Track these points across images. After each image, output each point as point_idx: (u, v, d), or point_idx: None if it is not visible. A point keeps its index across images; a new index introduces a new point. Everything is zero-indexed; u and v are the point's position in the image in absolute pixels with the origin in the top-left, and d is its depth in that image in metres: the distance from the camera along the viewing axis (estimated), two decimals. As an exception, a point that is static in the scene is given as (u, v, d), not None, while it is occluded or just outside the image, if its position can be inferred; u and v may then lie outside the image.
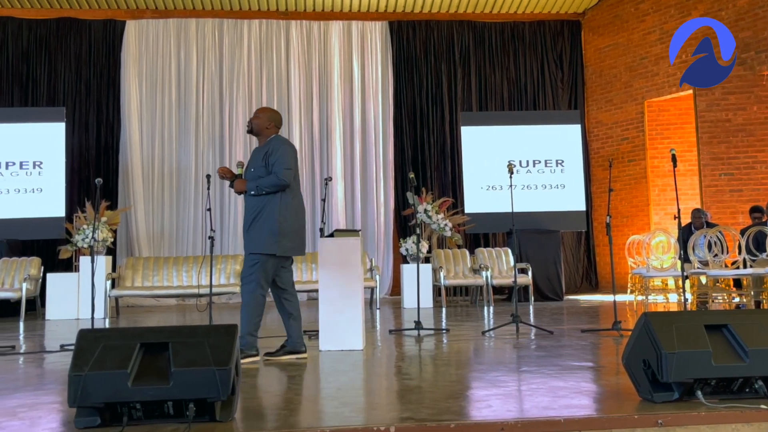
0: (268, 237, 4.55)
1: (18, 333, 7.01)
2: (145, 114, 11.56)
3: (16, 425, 2.79)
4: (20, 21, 11.48)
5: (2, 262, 9.27)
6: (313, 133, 11.81)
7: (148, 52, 11.67)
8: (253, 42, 11.84)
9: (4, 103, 11.24)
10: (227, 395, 2.71)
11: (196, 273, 9.16)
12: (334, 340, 4.94)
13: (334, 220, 11.53)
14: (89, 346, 2.74)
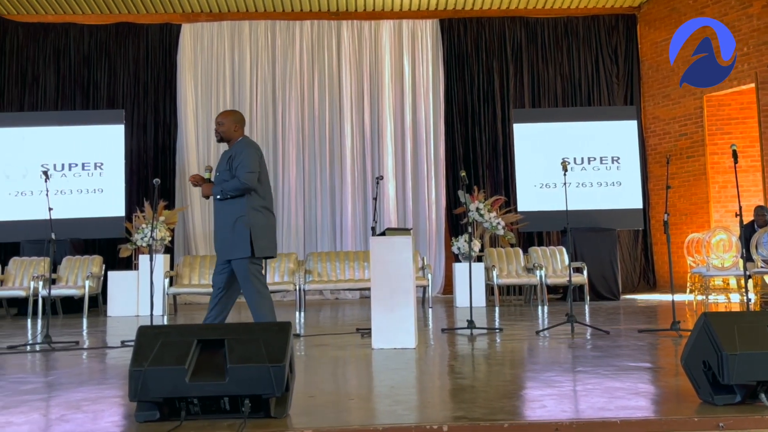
0: (244, 240, 4.58)
1: (81, 329, 7.24)
2: (201, 115, 11.79)
3: (80, 418, 2.88)
4: (81, 27, 11.85)
5: (66, 260, 9.59)
6: (364, 132, 11.86)
7: (203, 54, 11.91)
8: (304, 43, 11.96)
9: (67, 107, 11.62)
10: (281, 392, 2.74)
11: (250, 271, 9.28)
12: (387, 338, 4.95)
13: (386, 218, 11.56)
14: (148, 342, 2.81)
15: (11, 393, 3.52)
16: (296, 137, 11.78)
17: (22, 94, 11.72)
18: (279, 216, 11.65)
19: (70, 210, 10.14)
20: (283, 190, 11.68)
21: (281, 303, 10.64)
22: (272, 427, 2.63)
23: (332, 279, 9.38)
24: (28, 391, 3.56)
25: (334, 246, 11.59)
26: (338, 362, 4.47)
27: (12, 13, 11.80)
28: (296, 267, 9.38)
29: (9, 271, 9.48)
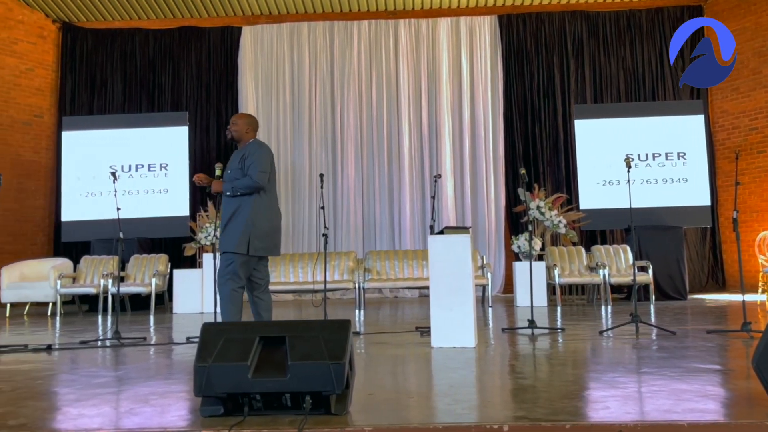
0: (241, 237, 4.71)
1: (148, 325, 7.46)
2: (261, 116, 11.99)
3: (148, 411, 2.96)
4: (146, 32, 12.21)
5: (134, 258, 9.90)
6: (422, 130, 11.84)
7: (262, 56, 12.10)
8: (362, 42, 12.02)
9: (134, 109, 11.99)
10: (342, 389, 2.76)
11: (311, 269, 9.40)
12: (446, 337, 4.93)
13: (444, 217, 11.52)
14: (212, 339, 2.87)
15: (84, 386, 3.65)
16: (354, 136, 11.86)
17: (91, 98, 12.15)
18: (338, 215, 11.75)
19: (137, 210, 10.46)
20: (342, 189, 11.77)
21: (341, 301, 10.72)
22: (333, 423, 2.65)
23: (391, 277, 9.41)
24: (99, 385, 3.69)
25: (393, 244, 11.61)
26: (397, 360, 4.48)
27: (82, 21, 12.24)
28: (355, 265, 9.44)
29: (81, 269, 9.84)
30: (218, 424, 2.65)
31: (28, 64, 11.75)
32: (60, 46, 12.19)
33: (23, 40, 11.70)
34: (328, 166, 11.82)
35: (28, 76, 11.75)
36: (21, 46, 11.67)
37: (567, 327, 6.33)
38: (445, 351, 4.77)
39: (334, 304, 9.90)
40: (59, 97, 12.09)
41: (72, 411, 3.03)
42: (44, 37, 12.00)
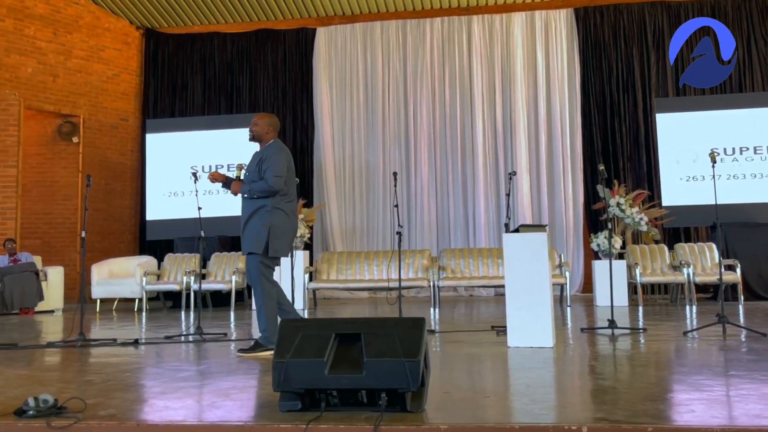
0: (259, 238, 4.73)
1: (229, 321, 7.66)
2: (336, 116, 12.13)
3: (229, 405, 3.04)
4: (224, 35, 12.54)
5: (215, 256, 10.19)
6: (496, 127, 11.71)
7: (337, 56, 12.23)
8: (435, 40, 11.98)
9: (213, 111, 12.34)
10: (417, 387, 2.76)
11: (386, 267, 9.45)
12: (523, 336, 4.86)
13: (520, 215, 11.35)
14: (290, 335, 2.92)
15: (168, 380, 3.78)
16: (428, 134, 11.84)
17: (173, 102, 12.57)
18: (412, 213, 11.77)
19: (217, 209, 10.75)
20: (416, 187, 11.77)
21: (415, 299, 10.73)
22: (408, 421, 2.65)
23: (466, 276, 9.35)
24: (182, 379, 3.82)
25: (467, 243, 11.53)
26: (473, 359, 4.44)
27: (163, 27, 12.69)
28: (430, 263, 9.42)
29: (164, 266, 10.20)
30: (296, 419, 2.70)
31: (114, 69, 12.27)
32: (143, 51, 12.67)
33: (110, 47, 12.22)
34: (402, 164, 11.84)
35: (114, 81, 12.26)
36: (108, 53, 12.19)
37: (649, 327, 6.13)
38: (522, 350, 4.70)
39: (408, 302, 9.91)
40: (143, 101, 12.57)
41: (158, 403, 3.14)
42: (129, 44, 12.50)
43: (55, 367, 4.40)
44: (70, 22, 11.70)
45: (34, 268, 9.46)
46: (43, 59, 11.36)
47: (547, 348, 4.78)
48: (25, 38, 11.16)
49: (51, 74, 11.43)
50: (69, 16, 11.69)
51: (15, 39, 11.04)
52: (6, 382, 3.76)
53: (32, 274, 9.34)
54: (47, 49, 11.41)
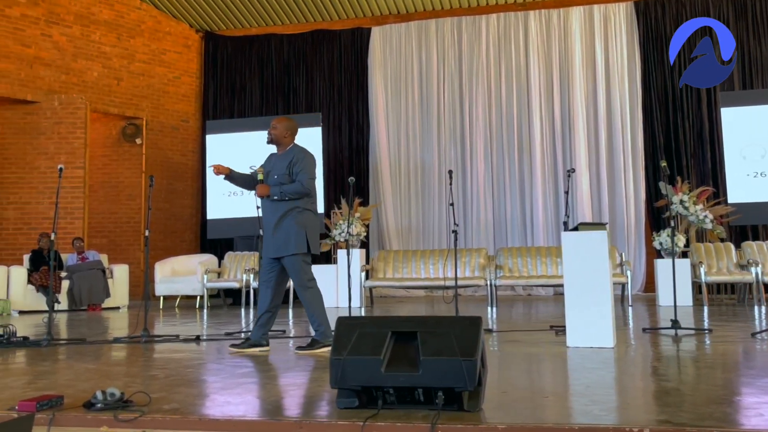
0: (298, 238, 4.83)
1: (287, 318, 7.76)
2: (391, 115, 12.14)
3: (287, 401, 3.09)
4: (281, 36, 12.70)
5: (272, 255, 10.33)
6: (554, 123, 11.53)
7: (391, 55, 12.25)
8: (491, 37, 11.87)
9: (270, 112, 12.51)
10: (474, 386, 2.74)
11: (442, 265, 9.42)
12: (582, 336, 4.78)
13: (579, 212, 11.15)
14: (346, 332, 2.94)
15: (229, 376, 3.86)
16: (484, 131, 11.74)
17: (231, 103, 12.81)
18: (468, 211, 11.71)
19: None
20: (472, 185, 11.69)
21: (472, 298, 10.66)
22: (466, 420, 2.64)
23: (524, 275, 9.24)
24: (243, 375, 3.89)
25: (525, 241, 11.39)
26: (532, 359, 4.39)
27: (222, 29, 12.94)
28: (486, 262, 9.35)
29: (225, 264, 10.41)
30: (354, 416, 2.72)
31: (175, 72, 12.58)
32: (203, 54, 12.95)
33: (170, 51, 12.53)
34: (457, 162, 11.78)
35: (175, 83, 12.57)
36: (168, 56, 12.51)
37: (715, 328, 5.95)
38: (582, 351, 4.62)
39: (465, 301, 9.86)
40: (203, 103, 12.85)
41: (219, 398, 3.21)
42: (189, 47, 12.79)
43: (121, 362, 4.54)
44: (133, 26, 12.05)
45: (100, 266, 9.79)
46: (108, 63, 11.72)
47: (607, 348, 4.68)
48: (91, 43, 11.54)
49: (115, 78, 11.79)
50: (132, 21, 12.04)
51: (82, 44, 11.44)
52: (76, 376, 3.90)
53: (99, 272, 9.67)
54: (111, 53, 11.78)
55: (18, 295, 9.28)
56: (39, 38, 10.96)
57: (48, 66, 11.03)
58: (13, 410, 2.90)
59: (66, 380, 3.76)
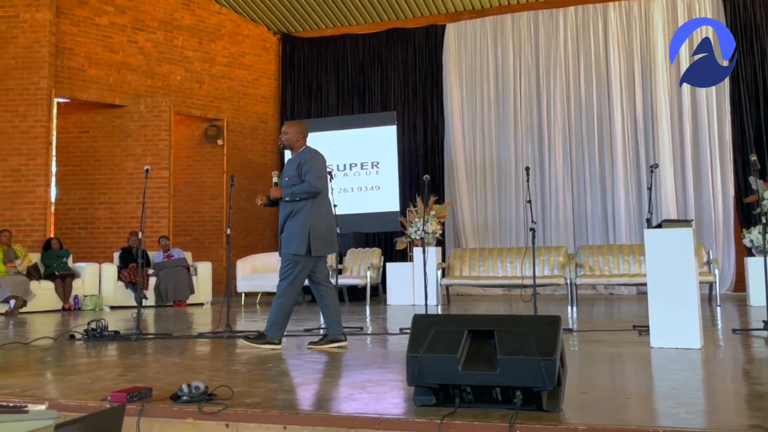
0: (300, 239, 4.89)
1: (364, 316, 7.84)
2: (466, 112, 12.06)
3: (365, 398, 3.12)
4: (356, 37, 12.81)
5: (350, 252, 10.45)
6: (636, 117, 11.18)
7: (466, 52, 12.16)
8: (569, 30, 11.61)
9: (346, 111, 12.65)
10: (553, 386, 2.70)
11: (519, 264, 9.29)
12: (667, 336, 4.62)
13: (663, 209, 10.78)
14: (423, 330, 2.94)
15: (308, 371, 3.93)
16: (562, 127, 11.50)
17: (308, 103, 13.02)
18: (546, 208, 11.50)
19: (351, 206, 11.03)
20: (550, 182, 11.48)
21: (552, 297, 10.47)
22: (545, 420, 2.60)
23: (605, 273, 9.00)
24: (321, 370, 3.95)
25: (606, 239, 11.10)
26: (613, 359, 4.28)
27: (299, 31, 13.17)
28: (566, 260, 9.16)
29: (302, 262, 10.57)
30: (431, 413, 2.72)
31: (254, 74, 12.88)
32: (280, 56, 13.21)
33: (249, 53, 12.84)
34: (535, 158, 11.59)
35: (254, 85, 12.87)
36: (248, 58, 12.82)
37: (811, 329, 5.64)
38: (666, 351, 4.47)
39: (545, 300, 9.70)
40: (281, 104, 13.11)
41: (298, 393, 3.27)
42: (267, 49, 13.08)
43: (204, 357, 4.69)
44: (213, 30, 12.41)
45: (185, 263, 10.13)
46: (190, 67, 12.12)
47: (694, 349, 4.51)
48: (174, 48, 11.96)
49: (197, 81, 12.18)
50: (212, 25, 12.40)
51: (165, 49, 11.86)
52: (163, 369, 4.06)
53: (184, 269, 10.01)
54: (193, 57, 12.16)
55: (109, 291, 9.72)
56: (126, 45, 11.44)
57: (134, 71, 11.49)
58: (106, 401, 3.05)
59: (154, 373, 3.92)
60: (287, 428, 2.78)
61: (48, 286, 9.32)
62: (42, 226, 10.20)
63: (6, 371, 4.08)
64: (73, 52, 10.89)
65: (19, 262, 9.27)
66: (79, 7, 11.00)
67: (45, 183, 10.25)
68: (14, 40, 10.30)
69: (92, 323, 5.85)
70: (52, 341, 5.67)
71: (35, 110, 10.23)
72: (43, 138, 10.23)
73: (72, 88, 10.84)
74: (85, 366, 4.27)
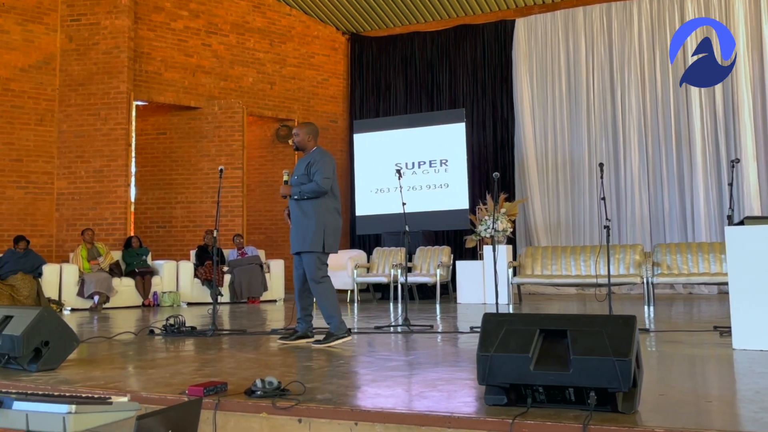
0: (315, 236, 5.06)
1: (434, 314, 7.82)
2: (537, 108, 11.87)
3: (436, 396, 3.11)
4: (424, 34, 12.79)
5: (419, 250, 10.46)
6: (716, 110, 10.75)
7: (537, 47, 11.96)
8: (643, 22, 11.27)
9: (414, 110, 12.65)
10: (628, 387, 2.63)
11: (593, 262, 9.09)
12: (751, 338, 4.43)
13: (746, 205, 10.34)
14: (493, 329, 2.92)
15: (379, 368, 3.95)
16: (637, 121, 11.18)
17: (377, 102, 13.09)
18: (621, 205, 11.22)
19: (420, 204, 11.03)
20: (625, 178, 11.18)
21: (627, 296, 10.21)
22: (620, 422, 2.54)
23: (684, 272, 8.70)
24: (392, 368, 3.97)
25: (685, 236, 10.73)
26: (693, 361, 4.14)
27: (367, 30, 13.24)
28: (642, 259, 8.90)
29: (373, 259, 10.66)
30: (502, 413, 2.69)
31: (323, 75, 13.04)
32: (349, 56, 13.33)
33: (319, 54, 13.00)
34: (609, 154, 11.31)
35: (324, 86, 13.03)
36: (317, 59, 12.99)
37: None
38: (750, 354, 4.29)
39: (620, 299, 9.46)
40: (350, 103, 13.22)
41: (369, 390, 3.29)
42: (336, 49, 13.21)
43: (277, 353, 4.78)
44: (284, 32, 12.62)
45: (259, 260, 10.36)
46: (262, 69, 12.37)
47: (780, 352, 4.31)
48: (246, 51, 12.23)
49: (268, 82, 12.41)
50: (283, 27, 12.62)
51: (238, 52, 12.14)
52: (238, 365, 4.16)
53: (257, 267, 10.23)
54: (265, 59, 12.41)
55: (186, 287, 10.02)
56: (200, 48, 11.77)
57: (208, 74, 11.81)
58: (184, 394, 3.15)
59: (229, 368, 4.02)
60: (358, 424, 2.80)
61: (129, 282, 9.69)
62: (123, 225, 10.61)
63: (91, 364, 4.27)
64: (150, 57, 11.29)
65: (102, 260, 9.67)
66: (155, 13, 11.38)
67: (125, 183, 10.67)
68: (96, 47, 10.75)
69: (170, 319, 6.05)
70: (133, 336, 5.90)
71: (115, 113, 10.65)
72: (123, 140, 10.64)
73: (149, 92, 11.23)
74: (164, 360, 4.42)
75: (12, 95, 10.45)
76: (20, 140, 10.49)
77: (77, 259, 9.56)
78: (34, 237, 10.08)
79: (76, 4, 10.80)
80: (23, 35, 10.56)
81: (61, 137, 10.73)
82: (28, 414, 2.10)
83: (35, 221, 10.52)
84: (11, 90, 10.44)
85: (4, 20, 10.43)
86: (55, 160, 10.72)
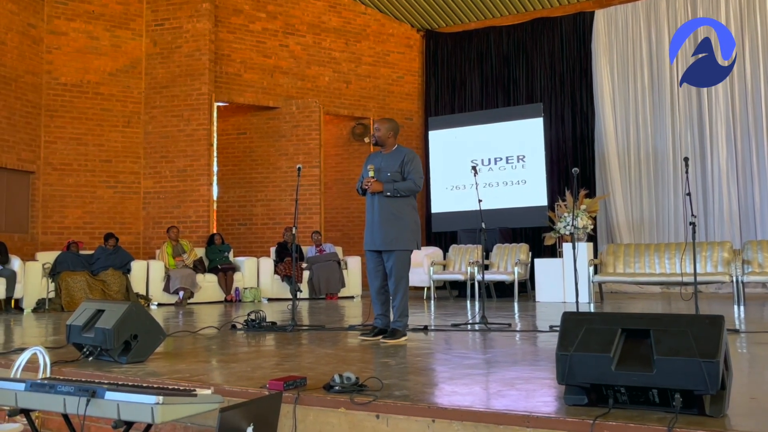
0: (410, 235, 5.15)
1: (512, 312, 7.73)
2: (618, 101, 11.54)
3: (514, 395, 3.08)
4: (500, 29, 12.64)
5: (497, 247, 10.35)
6: (812, 99, 10.18)
7: (617, 38, 11.62)
8: (731, 8, 10.76)
9: (490, 105, 12.53)
10: (716, 389, 2.53)
11: (679, 260, 8.77)
12: None
13: None
14: (573, 328, 2.86)
15: (456, 366, 3.94)
16: (725, 114, 10.70)
17: (452, 99, 13.03)
18: (708, 201, 10.77)
19: (497, 201, 10.92)
20: (713, 173, 10.73)
21: (716, 295, 9.81)
22: (708, 425, 2.44)
23: (775, 269, 8.28)
24: (470, 366, 3.95)
25: (778, 233, 10.21)
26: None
27: (442, 27, 13.20)
28: (731, 256, 8.52)
29: (449, 257, 10.62)
30: (583, 413, 2.64)
31: (399, 72, 13.07)
32: (424, 53, 13.31)
33: (394, 51, 13.04)
34: (695, 148, 10.87)
35: (399, 83, 13.06)
36: (392, 57, 13.03)
37: None
38: None
39: (708, 298, 9.10)
40: (425, 100, 13.21)
41: (446, 387, 3.29)
42: (410, 46, 13.22)
43: (355, 348, 4.83)
44: (359, 31, 12.73)
45: (336, 257, 10.49)
46: (337, 68, 12.51)
47: None
48: (322, 50, 12.40)
49: (344, 81, 12.54)
50: (358, 26, 12.72)
51: (314, 52, 12.33)
52: (317, 360, 4.23)
53: (335, 263, 10.37)
54: (340, 58, 12.54)
55: (266, 283, 10.26)
56: (278, 49, 12.01)
57: (286, 74, 12.04)
58: (265, 388, 3.23)
59: (308, 363, 4.09)
60: (435, 422, 2.80)
61: (212, 278, 10.00)
62: (206, 222, 10.96)
63: (176, 358, 4.43)
64: (230, 59, 11.60)
65: (186, 257, 10.01)
66: (234, 16, 11.68)
67: (208, 182, 11.01)
68: (178, 50, 11.13)
69: (251, 314, 6.21)
70: (216, 330, 6.08)
71: (198, 114, 11.00)
72: (205, 140, 10.98)
73: (230, 93, 11.54)
74: (246, 354, 4.54)
75: (101, 99, 10.94)
76: (109, 141, 10.99)
77: (163, 256, 9.93)
78: (122, 234, 10.54)
79: (160, 9, 11.21)
80: (111, 41, 11.04)
81: (146, 138, 11.17)
82: (119, 404, 2.20)
83: (123, 219, 11.00)
84: (101, 94, 10.94)
85: (94, 27, 10.93)
86: (141, 161, 11.17)
